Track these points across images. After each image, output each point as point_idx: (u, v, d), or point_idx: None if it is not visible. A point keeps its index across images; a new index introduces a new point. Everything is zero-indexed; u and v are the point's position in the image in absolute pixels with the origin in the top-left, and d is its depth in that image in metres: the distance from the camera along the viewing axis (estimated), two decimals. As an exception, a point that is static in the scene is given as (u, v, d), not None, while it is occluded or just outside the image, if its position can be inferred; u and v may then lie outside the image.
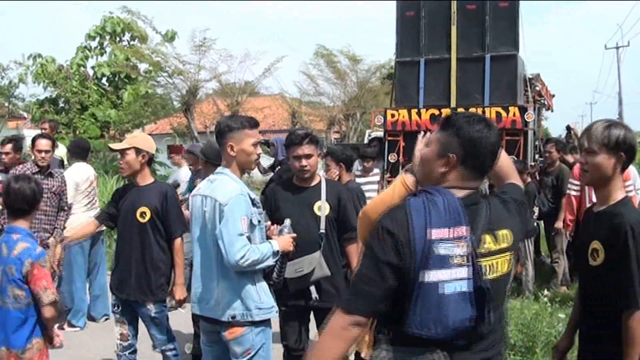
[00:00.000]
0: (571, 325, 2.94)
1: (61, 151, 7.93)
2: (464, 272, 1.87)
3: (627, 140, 2.54)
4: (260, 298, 3.37)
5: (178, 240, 4.37)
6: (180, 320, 5.70)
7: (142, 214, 4.28)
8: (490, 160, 2.06)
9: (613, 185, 2.60)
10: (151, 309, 4.26)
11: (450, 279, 1.85)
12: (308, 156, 4.03)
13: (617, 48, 38.72)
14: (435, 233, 1.86)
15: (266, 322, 3.45)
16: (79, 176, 6.28)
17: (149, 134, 25.64)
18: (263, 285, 3.45)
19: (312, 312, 4.17)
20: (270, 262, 3.40)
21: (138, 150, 4.27)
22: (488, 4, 8.03)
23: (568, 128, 10.16)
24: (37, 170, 5.81)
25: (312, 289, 3.97)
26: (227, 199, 3.29)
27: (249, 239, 3.30)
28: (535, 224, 7.48)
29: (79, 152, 6.63)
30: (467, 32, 8.12)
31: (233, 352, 3.41)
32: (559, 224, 7.52)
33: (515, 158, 7.64)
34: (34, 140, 5.97)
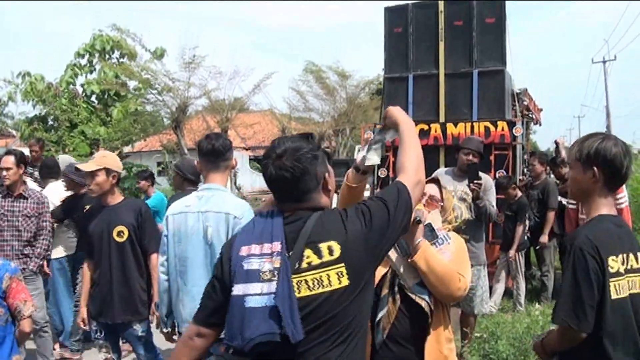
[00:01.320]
0: None
1: None
2: (273, 286, 1.88)
3: (601, 152, 2.38)
4: None
5: (155, 256, 4.23)
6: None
7: (120, 233, 4.22)
8: (273, 187, 2.09)
9: (594, 201, 2.47)
10: (137, 328, 4.23)
11: (257, 293, 1.89)
12: None
13: (604, 62, 39.12)
14: (245, 249, 1.98)
15: None
16: (54, 196, 6.06)
17: (139, 151, 25.54)
18: None
19: None
20: None
21: (108, 171, 4.21)
22: (475, 20, 8.11)
23: (556, 143, 10.24)
24: (5, 192, 5.30)
25: None
26: (241, 212, 3.33)
27: None
28: (525, 237, 7.50)
29: (48, 172, 6.55)
30: (454, 47, 8.19)
31: None
32: (544, 238, 7.56)
33: (505, 172, 7.69)
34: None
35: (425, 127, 7.96)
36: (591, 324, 2.29)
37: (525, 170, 9.24)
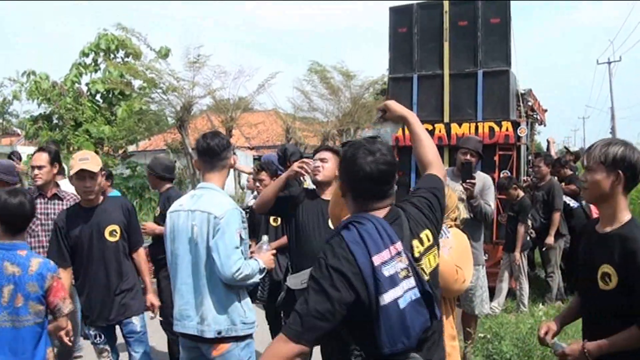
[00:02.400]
0: (563, 318, 3.02)
1: None
2: (411, 281, 2.03)
3: (627, 158, 2.53)
4: (245, 313, 3.41)
5: (141, 250, 4.39)
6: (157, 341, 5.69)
7: (112, 233, 4.17)
8: (372, 184, 2.16)
9: (617, 205, 2.59)
10: (137, 323, 4.23)
11: (403, 293, 2.00)
12: (323, 159, 4.15)
13: (609, 63, 39.05)
14: (377, 258, 2.00)
15: (250, 337, 3.47)
16: None
17: (144, 150, 25.57)
18: (247, 300, 3.49)
19: None
20: (257, 279, 3.46)
21: (101, 170, 4.20)
22: (480, 21, 8.11)
23: (548, 142, 10.29)
24: (37, 193, 4.84)
25: None
26: (222, 212, 3.31)
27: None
28: (528, 238, 7.50)
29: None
30: (459, 48, 8.19)
31: None
32: (549, 240, 7.55)
33: (509, 173, 7.68)
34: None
35: (430, 127, 7.94)
36: None
37: (529, 170, 9.24)
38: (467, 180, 5.21)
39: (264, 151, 26.28)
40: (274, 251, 3.78)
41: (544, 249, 7.79)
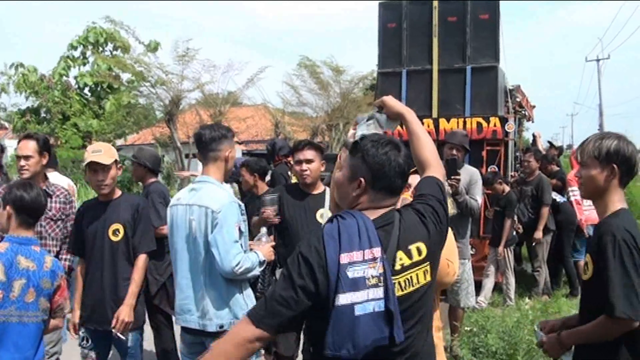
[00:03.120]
0: (568, 320, 2.95)
1: None
2: (379, 292, 1.91)
3: (620, 151, 2.52)
4: (247, 305, 3.37)
5: (142, 257, 3.97)
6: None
7: (115, 232, 3.88)
8: (399, 180, 2.13)
9: (609, 197, 2.58)
10: (127, 337, 3.90)
11: (364, 300, 1.89)
12: (309, 161, 4.15)
13: (598, 60, 39.30)
14: (346, 257, 1.92)
15: None
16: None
17: (132, 144, 25.42)
18: (249, 292, 3.47)
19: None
20: (257, 271, 3.43)
21: (116, 163, 3.92)
22: (469, 16, 8.13)
23: (534, 136, 10.36)
24: None
25: None
26: (219, 206, 3.28)
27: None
28: (514, 233, 7.56)
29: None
30: (448, 43, 8.20)
31: None
32: (538, 234, 7.62)
33: (496, 168, 7.73)
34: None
35: (418, 122, 7.95)
36: None
37: (517, 166, 9.30)
38: (452, 177, 5.22)
39: (253, 146, 26.24)
40: (273, 242, 3.78)
41: (533, 244, 7.85)
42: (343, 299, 1.88)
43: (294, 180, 5.75)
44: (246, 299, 3.41)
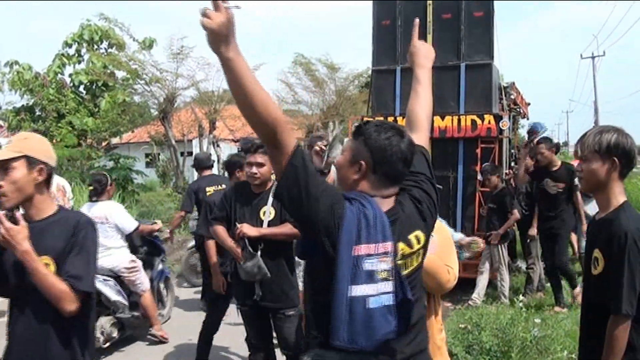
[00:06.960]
0: None
1: None
2: (389, 286, 1.93)
3: (620, 144, 2.55)
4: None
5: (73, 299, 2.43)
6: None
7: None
8: (402, 167, 2.12)
9: (611, 191, 2.61)
10: None
11: (376, 294, 1.90)
12: (259, 165, 4.23)
13: (593, 57, 39.37)
14: (364, 249, 1.91)
15: None
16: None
17: (127, 143, 25.19)
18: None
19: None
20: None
21: (31, 162, 2.51)
22: (463, 14, 8.14)
23: (528, 133, 10.37)
24: None
25: (257, 288, 4.21)
26: None
27: None
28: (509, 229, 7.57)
29: None
30: (442, 40, 8.19)
31: None
32: (532, 231, 7.61)
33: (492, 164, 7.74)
34: None
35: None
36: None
37: (512, 164, 9.31)
38: None
39: (249, 143, 26.10)
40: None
41: (528, 241, 7.84)
42: (357, 290, 1.88)
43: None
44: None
